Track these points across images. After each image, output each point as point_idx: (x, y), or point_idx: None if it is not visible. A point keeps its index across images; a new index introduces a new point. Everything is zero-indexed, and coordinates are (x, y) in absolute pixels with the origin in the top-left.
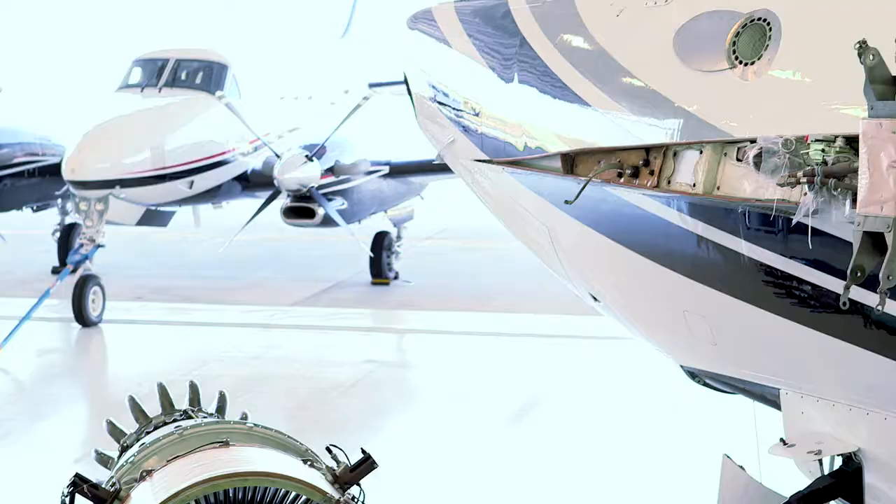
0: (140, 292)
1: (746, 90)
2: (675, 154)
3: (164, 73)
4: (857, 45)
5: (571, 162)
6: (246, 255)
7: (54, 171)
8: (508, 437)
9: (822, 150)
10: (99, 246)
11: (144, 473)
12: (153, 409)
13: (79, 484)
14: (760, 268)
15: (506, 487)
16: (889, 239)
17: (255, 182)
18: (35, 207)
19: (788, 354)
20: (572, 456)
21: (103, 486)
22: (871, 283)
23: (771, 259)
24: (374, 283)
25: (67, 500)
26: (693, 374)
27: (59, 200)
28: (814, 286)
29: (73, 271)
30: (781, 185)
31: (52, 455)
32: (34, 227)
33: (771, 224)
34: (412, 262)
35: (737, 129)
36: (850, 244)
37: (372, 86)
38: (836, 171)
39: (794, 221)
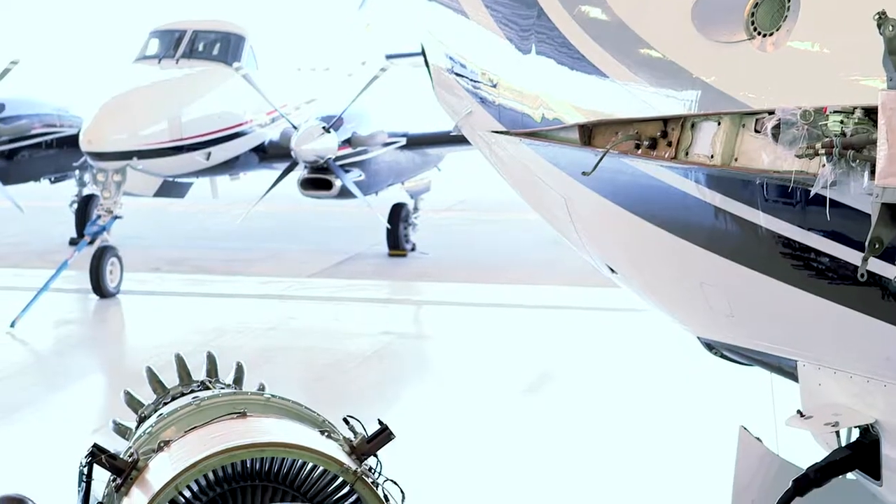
0: (157, 264)
1: (765, 61)
2: (692, 125)
3: (181, 45)
4: (877, 16)
5: (589, 133)
6: (263, 227)
7: (72, 142)
8: (525, 408)
9: (841, 122)
10: (116, 217)
11: (162, 444)
12: (171, 379)
13: (97, 454)
14: (778, 240)
15: (522, 458)
16: None
17: (272, 153)
18: (53, 179)
19: (806, 326)
20: (588, 427)
21: (121, 456)
22: (889, 255)
23: (789, 231)
24: (390, 255)
25: (86, 470)
26: (710, 346)
27: (77, 172)
28: (832, 258)
29: (91, 242)
30: (800, 157)
31: (70, 426)
32: (52, 199)
33: (789, 196)
34: (429, 233)
35: (755, 101)
36: (869, 216)
37: (389, 57)
38: (855, 142)
39: (812, 193)
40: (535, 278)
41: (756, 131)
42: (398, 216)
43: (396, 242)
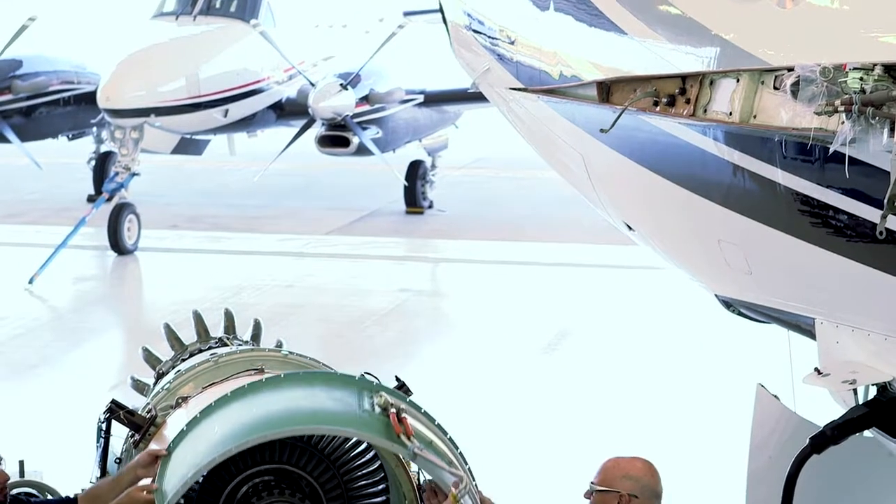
0: (175, 220)
1: (784, 17)
2: (711, 82)
3: (198, 1)
4: None
5: (607, 90)
6: (280, 184)
7: (90, 99)
8: (541, 365)
9: (861, 79)
10: (134, 174)
11: (180, 400)
12: (189, 336)
13: (115, 410)
14: (796, 197)
15: (538, 415)
16: None
17: (289, 110)
18: (70, 136)
19: (824, 284)
20: (605, 384)
21: (139, 412)
22: None
23: (807, 188)
24: (408, 212)
25: (104, 426)
26: (728, 304)
27: (95, 129)
28: (850, 215)
29: (109, 199)
30: (819, 114)
31: (89, 382)
32: (69, 156)
33: (808, 153)
34: (446, 191)
35: (774, 57)
36: (888, 173)
37: (407, 14)
38: (875, 99)
39: (831, 150)
40: (553, 236)
41: (775, 88)
42: (415, 173)
43: (414, 200)
